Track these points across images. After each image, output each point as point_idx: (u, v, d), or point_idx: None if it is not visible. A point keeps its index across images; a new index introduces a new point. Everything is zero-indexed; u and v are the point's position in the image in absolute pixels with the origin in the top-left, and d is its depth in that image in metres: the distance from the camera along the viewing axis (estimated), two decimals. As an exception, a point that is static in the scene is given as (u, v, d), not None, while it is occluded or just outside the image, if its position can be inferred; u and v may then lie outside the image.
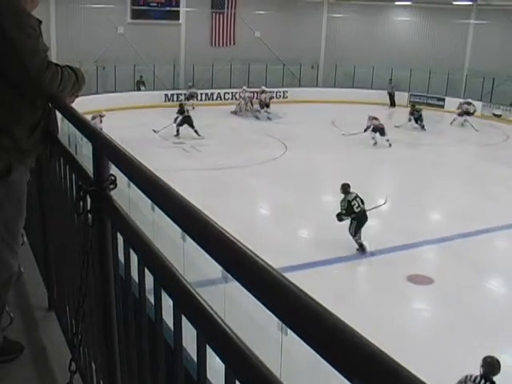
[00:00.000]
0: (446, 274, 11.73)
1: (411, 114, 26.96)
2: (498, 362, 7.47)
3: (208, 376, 1.31)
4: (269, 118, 29.02)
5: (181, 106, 24.63)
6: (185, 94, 30.95)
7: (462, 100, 29.84)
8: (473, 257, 12.68)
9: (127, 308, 1.84)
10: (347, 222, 12.90)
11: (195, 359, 1.29)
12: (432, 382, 0.71)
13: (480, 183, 18.50)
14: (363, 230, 12.87)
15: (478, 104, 31.47)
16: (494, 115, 30.34)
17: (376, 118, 23.36)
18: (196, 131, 23.49)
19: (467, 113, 28.20)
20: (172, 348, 1.43)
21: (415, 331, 9.95)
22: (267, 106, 29.85)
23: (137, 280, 1.65)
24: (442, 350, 8.87)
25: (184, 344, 1.44)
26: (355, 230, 12.79)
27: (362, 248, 12.64)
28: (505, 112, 29.86)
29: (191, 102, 29.88)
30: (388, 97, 34.13)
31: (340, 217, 12.82)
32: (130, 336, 1.82)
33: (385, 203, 14.32)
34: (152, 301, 1.55)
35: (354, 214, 12.74)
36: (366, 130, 23.33)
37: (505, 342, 9.50)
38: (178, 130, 23.67)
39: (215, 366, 1.32)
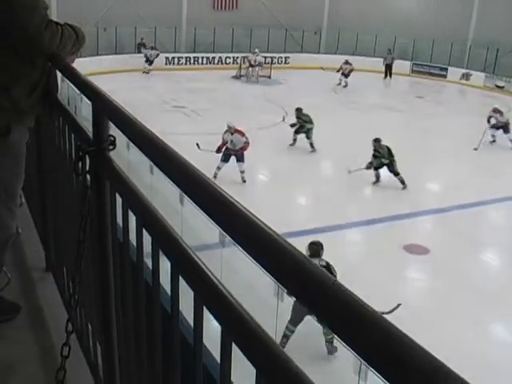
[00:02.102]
0: (442, 244, 11.78)
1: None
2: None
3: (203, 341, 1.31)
4: (344, 87, 29.03)
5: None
6: None
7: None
8: (469, 228, 12.72)
9: (124, 269, 1.84)
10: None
11: (191, 324, 1.29)
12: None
13: (478, 155, 18.45)
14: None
15: (480, 75, 31.24)
16: (497, 86, 30.15)
17: None
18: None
19: None
20: (168, 312, 1.44)
21: (410, 300, 10.02)
22: (346, 75, 29.35)
23: (135, 241, 1.64)
24: (435, 320, 8.95)
25: (180, 309, 1.44)
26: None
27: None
28: (508, 84, 29.64)
29: None
30: (384, 67, 32.64)
31: None
32: (126, 297, 1.82)
33: (397, 307, 8.64)
34: (149, 264, 1.55)
35: None
36: None
37: (499, 315, 9.58)
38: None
39: (210, 333, 1.32)
